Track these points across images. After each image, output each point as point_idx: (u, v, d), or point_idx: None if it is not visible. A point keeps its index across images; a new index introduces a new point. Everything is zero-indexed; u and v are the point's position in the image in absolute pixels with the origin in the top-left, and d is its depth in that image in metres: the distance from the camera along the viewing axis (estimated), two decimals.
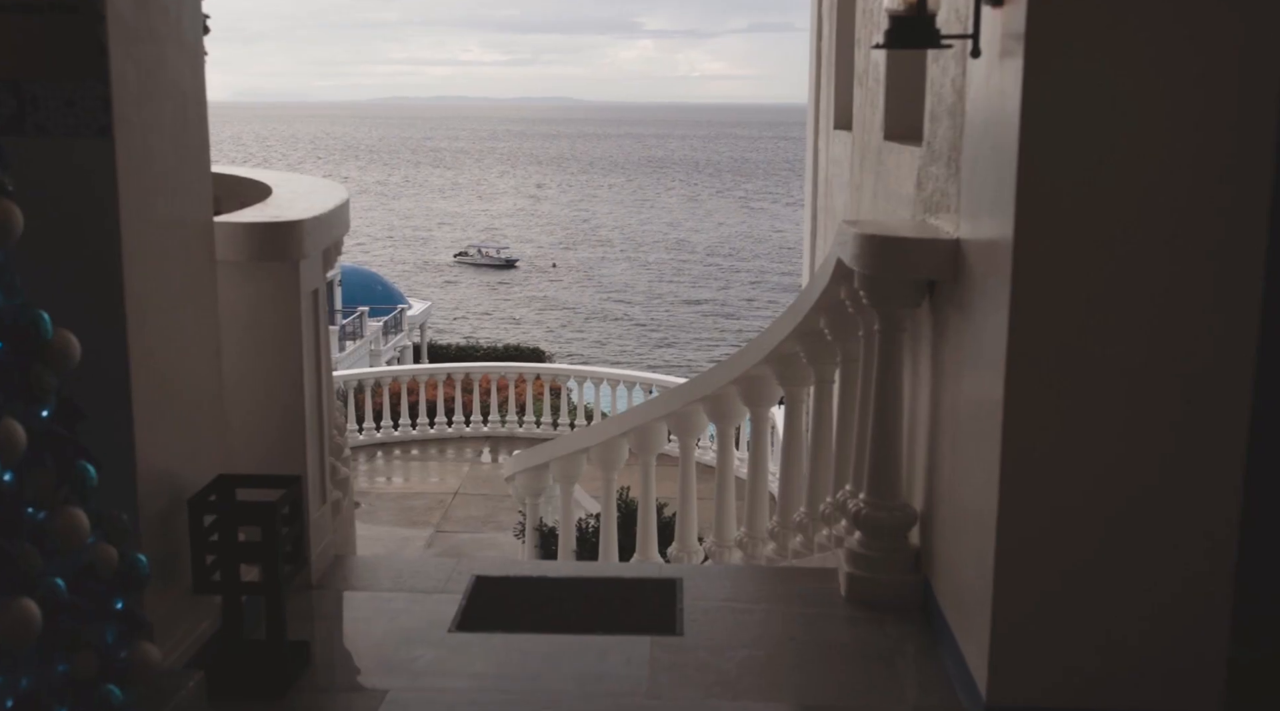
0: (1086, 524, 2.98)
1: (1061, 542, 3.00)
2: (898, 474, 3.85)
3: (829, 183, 6.74)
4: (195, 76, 3.28)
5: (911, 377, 3.92)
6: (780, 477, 5.28)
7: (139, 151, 2.92)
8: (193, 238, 3.30)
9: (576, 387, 18.66)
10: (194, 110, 3.28)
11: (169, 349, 3.13)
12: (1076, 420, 2.93)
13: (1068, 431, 2.94)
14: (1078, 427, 2.94)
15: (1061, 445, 2.96)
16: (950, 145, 3.52)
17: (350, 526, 4.51)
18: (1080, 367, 2.90)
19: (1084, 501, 2.97)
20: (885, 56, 4.71)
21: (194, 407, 3.30)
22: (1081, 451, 2.95)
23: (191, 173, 3.27)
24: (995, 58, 3.01)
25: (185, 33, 3.21)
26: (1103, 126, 2.78)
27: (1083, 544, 2.99)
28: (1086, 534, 2.99)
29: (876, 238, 3.48)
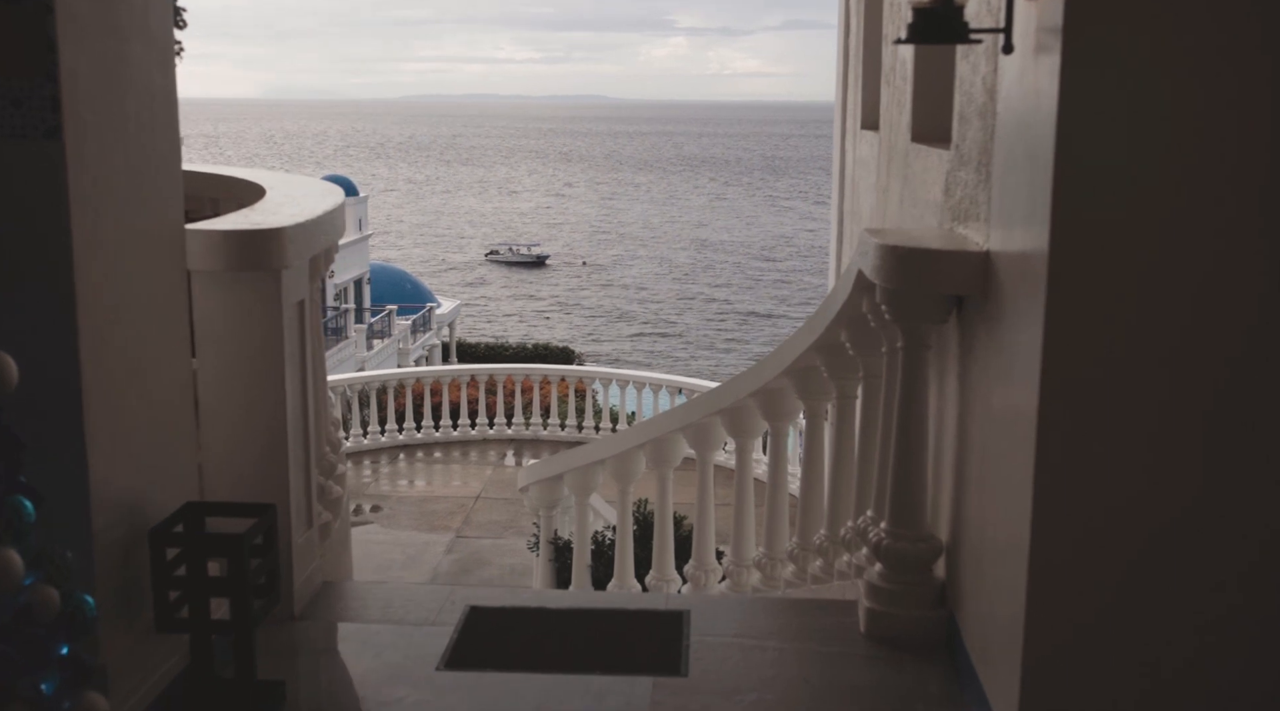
0: (1126, 556, 2.72)
1: (1099, 576, 2.74)
2: (921, 502, 3.57)
3: (855, 185, 6.46)
4: (165, 74, 3.05)
5: (937, 398, 3.65)
6: (800, 497, 5.02)
7: (94, 154, 2.69)
8: (160, 246, 3.07)
9: (602, 390, 18.42)
10: (163, 110, 3.05)
11: (130, 367, 2.90)
12: (1115, 444, 2.67)
13: (1105, 456, 2.68)
14: (1116, 453, 2.68)
15: (1099, 471, 2.70)
16: (980, 149, 3.25)
17: (343, 549, 4.28)
18: (1119, 389, 2.64)
19: (1124, 531, 2.71)
20: (913, 53, 4.43)
21: (160, 430, 3.07)
22: (1120, 478, 2.69)
23: (159, 177, 3.04)
24: (1029, 54, 2.74)
25: (152, 26, 2.98)
26: (1147, 129, 2.51)
27: (1121, 578, 2.73)
28: (1125, 567, 2.72)
29: (899, 249, 3.21)
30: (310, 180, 5.01)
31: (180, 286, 3.20)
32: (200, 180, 5.85)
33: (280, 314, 3.45)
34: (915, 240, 3.30)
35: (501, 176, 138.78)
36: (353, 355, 38.39)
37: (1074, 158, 2.55)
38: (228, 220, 3.48)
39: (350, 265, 45.67)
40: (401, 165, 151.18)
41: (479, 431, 18.02)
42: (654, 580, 6.47)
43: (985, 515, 3.21)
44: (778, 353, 5.00)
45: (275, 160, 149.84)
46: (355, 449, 17.27)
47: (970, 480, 3.37)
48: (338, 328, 39.77)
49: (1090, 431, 2.67)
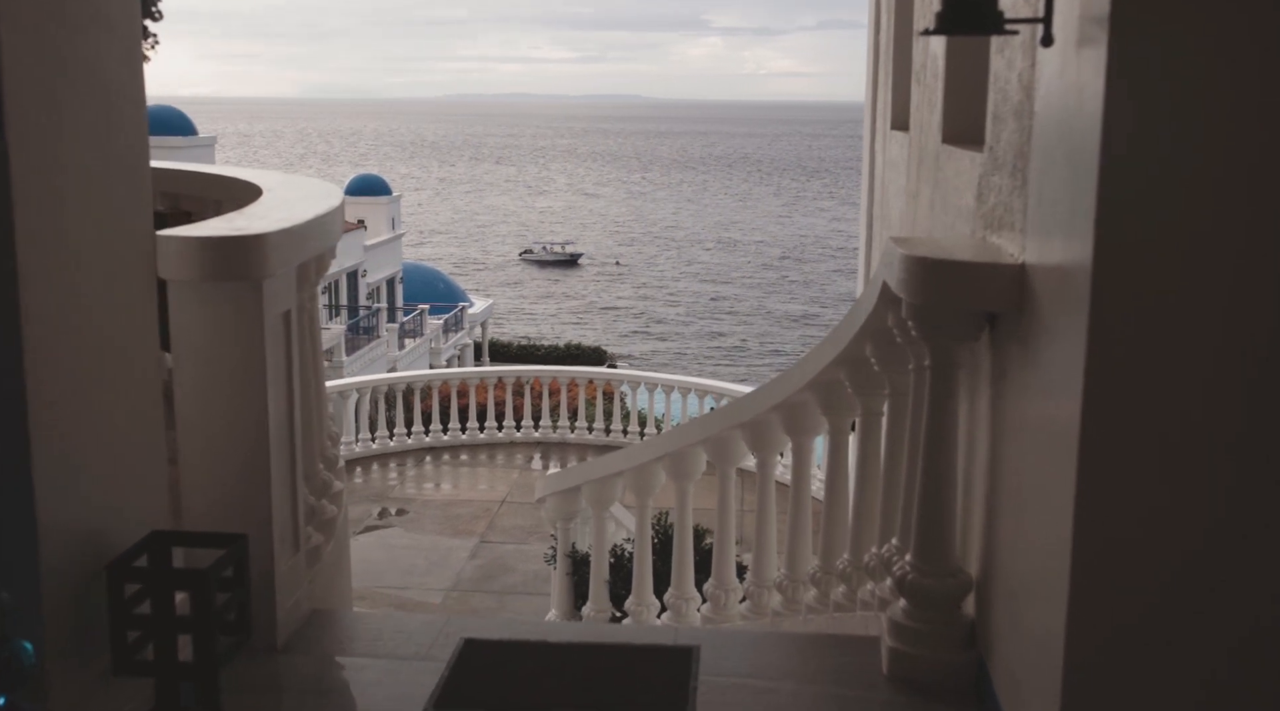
0: (1175, 598, 2.45)
1: (1144, 618, 2.47)
2: (950, 534, 3.30)
3: (884, 188, 6.19)
4: (130, 69, 2.83)
5: (968, 420, 3.38)
6: (823, 518, 4.76)
7: (40, 157, 2.48)
8: (123, 253, 2.85)
9: (631, 393, 18.19)
10: (128, 108, 2.83)
11: (86, 384, 2.68)
12: (1164, 475, 2.41)
13: (1153, 487, 2.42)
14: (1165, 483, 2.41)
15: (1146, 504, 2.43)
16: (1016, 151, 2.98)
17: (337, 573, 4.06)
18: (1168, 414, 2.37)
19: (1174, 569, 2.44)
20: (944, 48, 4.15)
21: (123, 453, 2.85)
22: (1170, 512, 2.42)
23: (122, 178, 2.82)
24: (1071, 46, 2.47)
25: (112, 15, 2.75)
26: (1202, 130, 2.23)
27: (1170, 620, 2.46)
28: (1175, 609, 2.46)
29: (926, 261, 2.94)
30: (311, 182, 4.79)
31: (148, 296, 2.98)
32: (203, 182, 5.67)
33: (262, 326, 3.23)
34: (944, 251, 3.03)
35: (532, 176, 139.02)
36: (384, 354, 38.38)
37: (1121, 162, 2.29)
38: (205, 226, 3.26)
39: (383, 264, 45.71)
40: (433, 164, 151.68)
41: (506, 434, 17.84)
42: (673, 598, 6.23)
43: (1019, 549, 2.95)
44: (800, 365, 4.75)
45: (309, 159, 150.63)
46: (382, 451, 17.15)
47: (1003, 511, 3.10)
48: (369, 327, 39.78)
49: (1137, 460, 2.41)
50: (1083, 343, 2.41)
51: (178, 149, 31.87)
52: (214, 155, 34.30)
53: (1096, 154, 2.31)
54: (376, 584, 12.37)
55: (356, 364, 36.12)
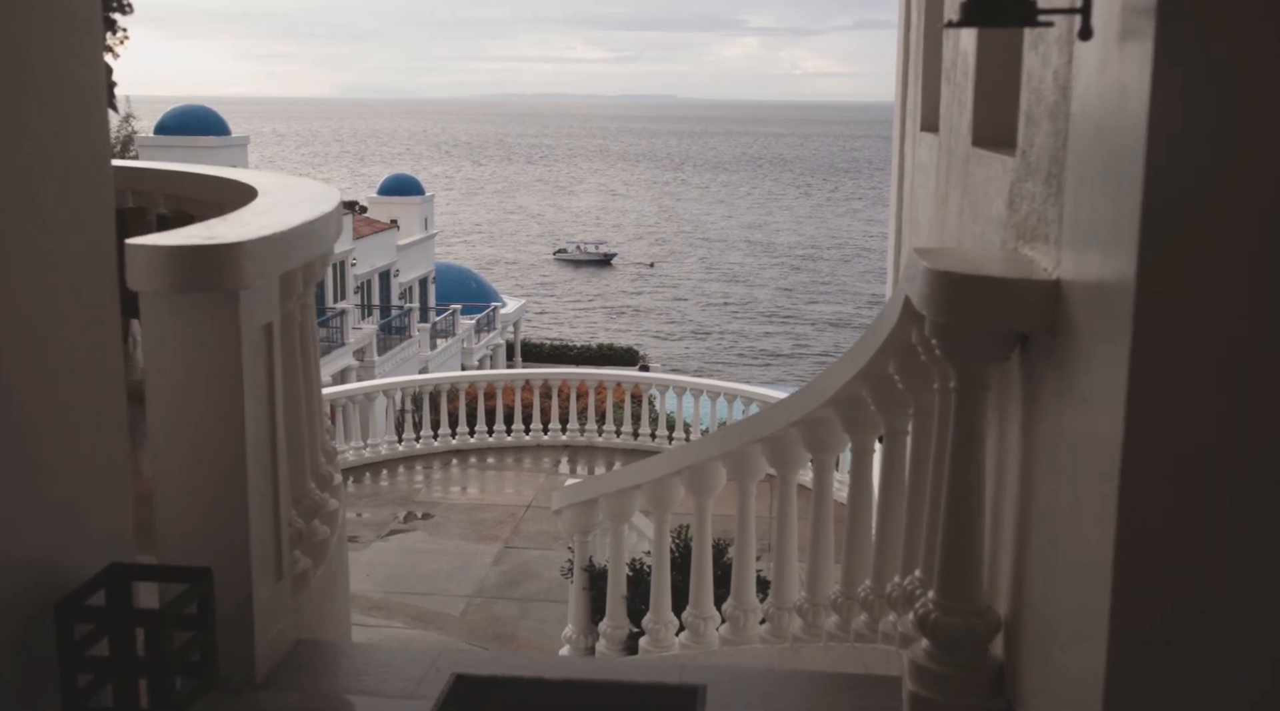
0: (1223, 641, 2.20)
1: (1189, 662, 2.22)
2: (976, 569, 3.05)
3: (914, 192, 5.92)
4: (89, 65, 2.63)
5: (997, 446, 3.13)
6: (845, 541, 4.51)
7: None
8: (80, 264, 2.65)
9: (660, 396, 17.96)
10: (87, 108, 2.62)
11: (34, 407, 2.49)
12: (1212, 511, 2.16)
13: (1200, 524, 2.17)
14: (1213, 520, 2.16)
15: (1192, 542, 2.19)
16: (1050, 156, 2.72)
17: (328, 599, 3.85)
18: (1219, 445, 2.13)
19: (1222, 610, 2.19)
20: (975, 45, 3.90)
21: (78, 479, 2.65)
22: (1218, 549, 2.17)
23: (78, 182, 2.62)
24: (1113, 40, 2.22)
25: (73, 8, 2.54)
26: (1259, 134, 1.98)
27: (1217, 664, 2.21)
28: (1222, 653, 2.21)
29: (952, 276, 2.68)
30: (310, 185, 4.60)
31: (110, 310, 2.78)
32: (206, 184, 5.50)
33: (238, 340, 3.02)
34: (971, 264, 2.77)
35: (562, 175, 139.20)
36: (416, 354, 38.37)
37: (1167, 169, 2.04)
38: (178, 234, 3.06)
39: (415, 264, 45.74)
40: (466, 163, 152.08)
41: (533, 437, 17.68)
42: (691, 617, 6.01)
43: (1054, 588, 2.70)
44: (821, 379, 4.51)
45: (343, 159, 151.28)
46: (408, 453, 17.04)
47: (1036, 545, 2.84)
48: (401, 327, 39.79)
49: (1183, 494, 2.16)
50: (1124, 367, 2.16)
51: (211, 149, 31.96)
52: (246, 155, 34.36)
53: (1141, 160, 2.06)
54: (398, 589, 12.22)
55: (388, 364, 36.13)
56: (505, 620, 11.33)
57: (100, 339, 2.75)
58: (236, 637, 3.14)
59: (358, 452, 16.53)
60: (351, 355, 34.12)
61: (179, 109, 34.05)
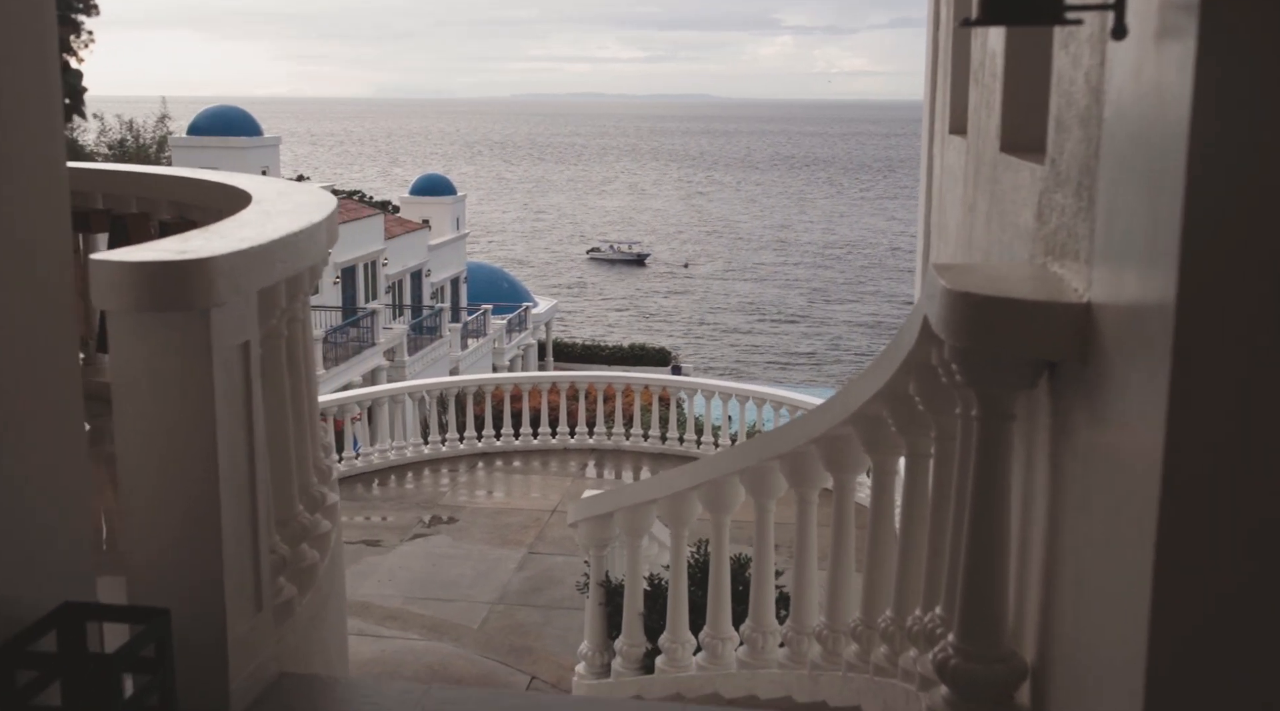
0: (1266, 688, 2.00)
1: None
2: (1000, 611, 2.82)
3: (942, 197, 5.68)
4: (40, 67, 2.44)
5: (1023, 478, 2.90)
6: (865, 566, 4.28)
7: None
8: (28, 281, 2.47)
9: (688, 400, 17.75)
10: (35, 112, 2.44)
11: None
12: (1254, 553, 1.96)
13: (1241, 568, 1.97)
14: (1256, 563, 1.96)
15: (1233, 586, 1.98)
16: (1081, 165, 2.49)
17: (316, 627, 3.66)
18: (1264, 487, 1.92)
19: (1264, 658, 1.99)
20: (1004, 44, 3.66)
21: (28, 511, 2.47)
22: (1261, 593, 1.96)
23: (26, 195, 2.43)
24: (1150, 40, 2.00)
25: (20, 11, 2.36)
26: None
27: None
28: (1265, 701, 2.01)
29: (973, 297, 2.45)
30: (307, 192, 4.42)
31: (65, 330, 2.61)
32: (207, 190, 5.34)
33: (209, 360, 2.84)
34: (993, 284, 2.54)
35: (594, 175, 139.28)
36: (446, 354, 38.33)
37: (1210, 179, 1.83)
38: (146, 248, 2.87)
39: (447, 264, 45.75)
40: (497, 163, 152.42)
41: (560, 440, 17.52)
42: (708, 637, 5.80)
43: (1084, 632, 2.48)
44: (841, 395, 4.29)
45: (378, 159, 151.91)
46: (434, 456, 16.92)
47: (1065, 585, 2.62)
48: (432, 327, 39.76)
49: (1224, 536, 1.95)
50: (1163, 398, 1.94)
51: (242, 149, 32.01)
52: (278, 156, 34.41)
53: (1181, 170, 1.84)
54: (420, 595, 12.07)
55: (418, 364, 36.11)
56: (525, 629, 11.14)
57: (55, 363, 2.57)
58: (210, 673, 2.96)
59: (383, 455, 16.43)
60: (382, 355, 34.11)
61: (212, 110, 34.13)
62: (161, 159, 42.97)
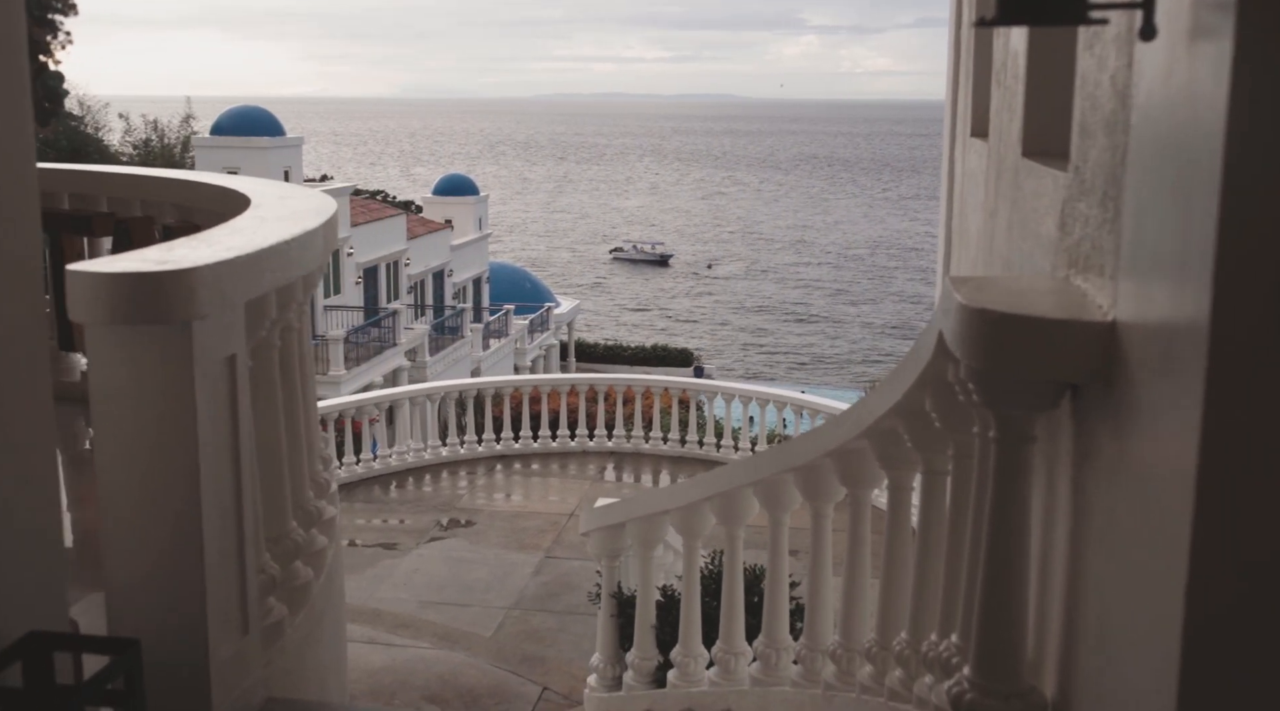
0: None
1: None
2: (1018, 645, 2.67)
3: (963, 201, 5.52)
4: (8, 69, 2.32)
5: (1044, 503, 2.75)
6: (880, 585, 4.14)
7: None
8: None
9: (708, 403, 17.60)
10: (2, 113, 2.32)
11: None
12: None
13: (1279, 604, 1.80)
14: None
15: (1270, 621, 1.84)
16: (1106, 174, 2.34)
17: (312, 647, 3.54)
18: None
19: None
20: (1026, 44, 3.50)
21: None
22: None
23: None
24: (1182, 40, 1.85)
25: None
26: None
27: None
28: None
29: (989, 315, 2.30)
30: (307, 197, 4.30)
31: (35, 344, 2.49)
32: (210, 194, 5.24)
33: (191, 376, 2.72)
34: (1013, 300, 2.39)
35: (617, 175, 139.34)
36: (468, 355, 38.30)
37: (1247, 190, 1.69)
38: (124, 259, 2.75)
39: (469, 264, 45.74)
40: (518, 163, 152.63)
41: (579, 443, 17.41)
42: (721, 652, 5.66)
43: (1108, 671, 2.33)
44: (857, 408, 4.14)
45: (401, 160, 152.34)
46: (451, 458, 16.84)
47: (1087, 620, 2.47)
48: (454, 327, 39.74)
49: (1262, 573, 1.82)
50: (1195, 426, 1.80)
51: (265, 149, 32.02)
52: (300, 156, 34.42)
53: (1216, 181, 1.70)
54: (436, 599, 11.97)
55: (440, 364, 36.09)
56: (541, 635, 11.02)
57: (21, 374, 2.46)
58: (191, 699, 2.84)
59: (401, 457, 16.36)
60: (403, 355, 34.10)
61: (235, 110, 34.18)
62: (186, 159, 43.09)
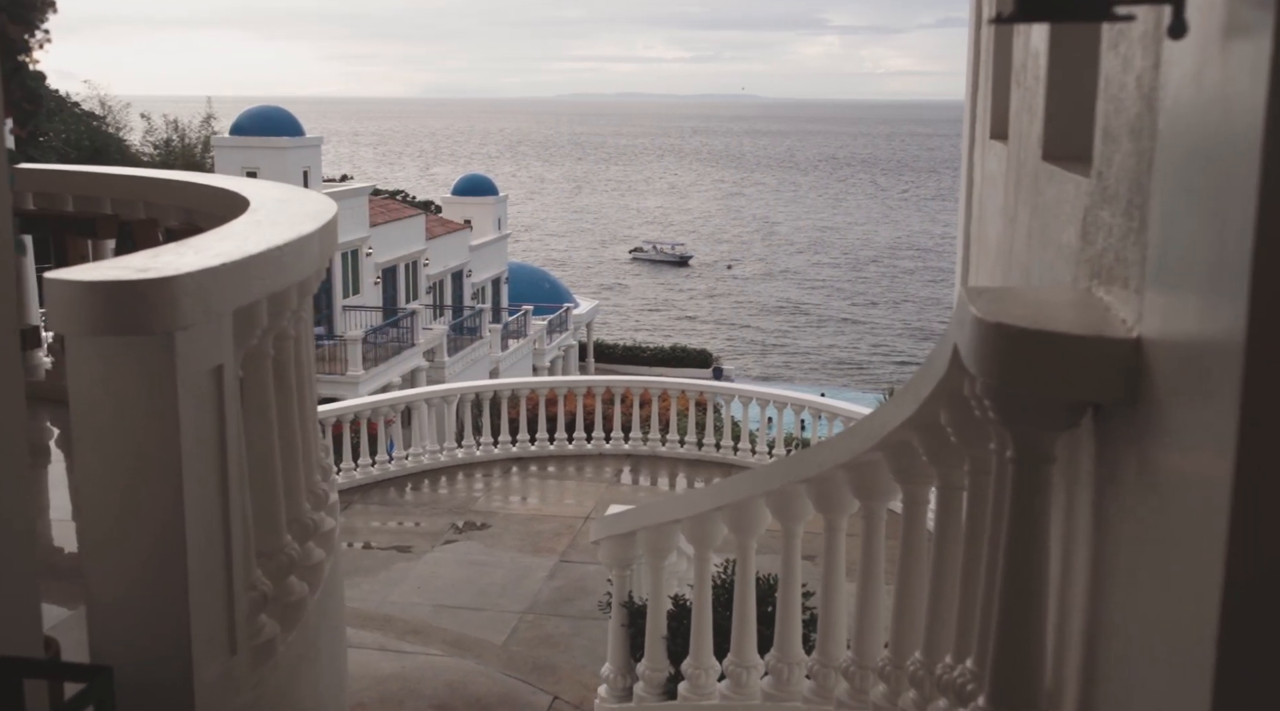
0: None
1: None
2: (1036, 675, 2.54)
3: (983, 206, 5.38)
4: None
5: (1064, 524, 2.62)
6: (894, 602, 4.01)
7: None
8: None
9: (725, 405, 17.46)
10: None
11: None
12: None
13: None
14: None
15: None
16: (1131, 181, 2.21)
17: (307, 664, 3.44)
18: None
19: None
20: (1047, 43, 3.37)
21: None
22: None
23: None
24: (1214, 39, 1.72)
25: None
26: None
27: None
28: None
29: (1006, 330, 2.17)
30: (306, 201, 4.20)
31: (10, 355, 2.39)
32: (212, 196, 5.15)
33: (174, 387, 2.61)
34: (1032, 314, 2.25)
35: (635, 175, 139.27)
36: (486, 355, 38.25)
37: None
38: (104, 266, 2.65)
39: (488, 264, 45.70)
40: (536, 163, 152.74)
41: (595, 445, 17.32)
42: (732, 666, 5.54)
43: (1132, 706, 2.19)
44: (871, 419, 4.01)
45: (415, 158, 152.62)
46: (468, 460, 16.79)
47: (1110, 651, 2.33)
48: (473, 327, 39.70)
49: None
50: (1228, 452, 1.66)
51: (284, 150, 32.02)
52: (320, 156, 34.40)
53: (1253, 190, 1.57)
54: (450, 603, 11.89)
55: (458, 365, 36.05)
56: (554, 640, 10.93)
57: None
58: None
59: (416, 459, 16.30)
60: (421, 356, 34.07)
61: (254, 110, 34.20)
62: (206, 159, 43.18)
